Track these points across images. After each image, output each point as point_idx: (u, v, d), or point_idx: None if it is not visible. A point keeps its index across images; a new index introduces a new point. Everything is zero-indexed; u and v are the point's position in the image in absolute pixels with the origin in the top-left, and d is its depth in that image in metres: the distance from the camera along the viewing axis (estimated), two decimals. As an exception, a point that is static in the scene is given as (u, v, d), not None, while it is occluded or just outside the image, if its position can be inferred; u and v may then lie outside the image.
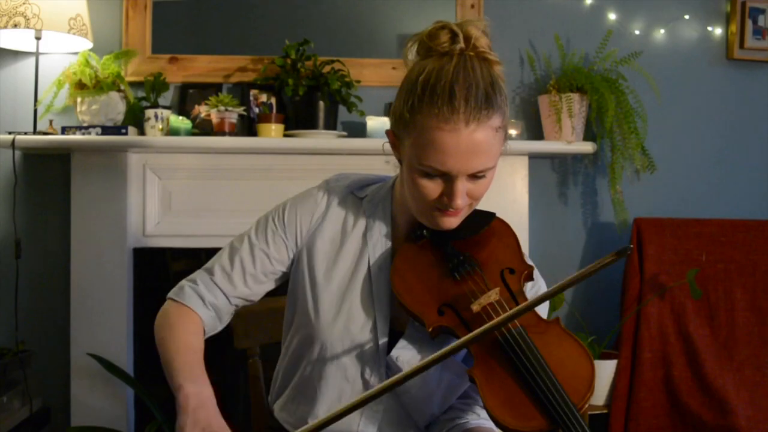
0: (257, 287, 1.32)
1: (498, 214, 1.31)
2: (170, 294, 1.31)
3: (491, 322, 1.07)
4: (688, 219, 2.87)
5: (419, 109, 1.12)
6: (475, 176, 1.15)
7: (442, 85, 1.11)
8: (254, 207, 2.72)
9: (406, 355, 1.22)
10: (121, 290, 2.59)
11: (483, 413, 1.28)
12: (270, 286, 1.34)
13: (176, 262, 2.71)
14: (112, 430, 2.45)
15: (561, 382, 1.09)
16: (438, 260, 1.23)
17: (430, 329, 1.17)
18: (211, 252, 2.85)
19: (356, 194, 1.32)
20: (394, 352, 1.22)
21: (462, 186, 1.14)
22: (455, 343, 1.06)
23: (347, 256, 1.28)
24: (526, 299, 1.20)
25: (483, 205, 1.26)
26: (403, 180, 1.21)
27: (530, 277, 1.26)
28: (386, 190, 1.32)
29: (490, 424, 1.23)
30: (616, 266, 2.88)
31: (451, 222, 1.19)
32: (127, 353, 2.59)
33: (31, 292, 2.70)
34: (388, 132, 1.23)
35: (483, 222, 1.27)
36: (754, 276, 2.82)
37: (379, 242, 1.28)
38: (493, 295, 1.17)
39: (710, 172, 3.09)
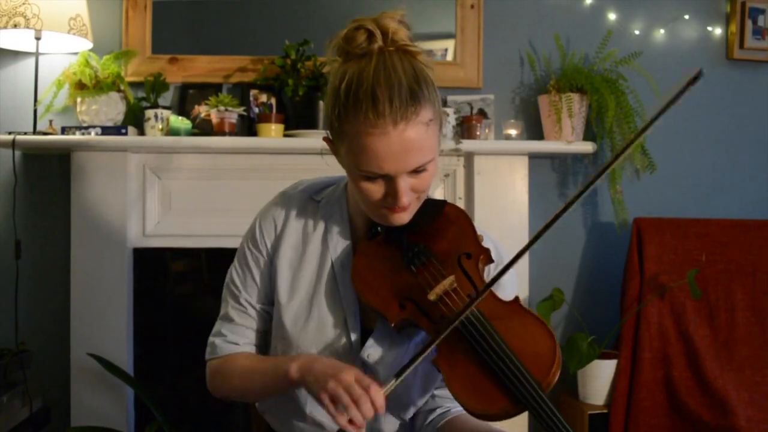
0: (269, 305, 1.35)
1: (498, 215, 1.34)
2: (207, 356, 1.37)
3: (457, 318, 1.12)
4: (688, 219, 2.87)
5: (346, 117, 1.12)
6: (415, 171, 1.14)
7: (364, 90, 1.10)
8: (254, 207, 2.72)
9: (377, 353, 1.24)
10: (121, 290, 2.59)
11: None
12: (271, 299, 1.36)
13: (176, 262, 2.71)
14: (112, 430, 2.45)
15: (523, 362, 1.11)
16: (394, 254, 1.24)
17: (392, 324, 1.19)
18: (211, 252, 2.87)
19: (313, 198, 1.34)
20: (364, 351, 1.24)
21: (404, 184, 1.14)
22: (424, 347, 1.13)
23: (311, 260, 1.30)
24: (484, 282, 1.21)
25: (483, 207, 1.27)
26: (350, 184, 1.23)
27: (489, 260, 1.26)
28: (340, 191, 1.33)
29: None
30: (616, 266, 2.88)
31: (402, 218, 1.19)
32: (127, 353, 2.59)
33: (31, 292, 2.70)
34: (325, 139, 1.23)
35: (435, 211, 1.27)
36: (754, 276, 2.82)
37: (339, 243, 1.29)
38: (448, 283, 1.19)
39: (710, 172, 3.09)
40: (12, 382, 2.42)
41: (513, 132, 2.77)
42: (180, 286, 2.73)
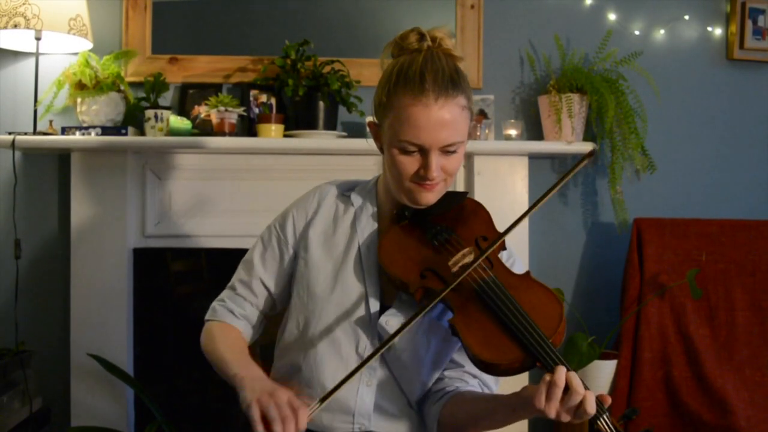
0: (275, 289, 1.47)
1: (498, 215, 1.40)
2: (206, 317, 1.48)
3: (463, 272, 1.24)
4: (688, 219, 2.87)
5: (395, 92, 1.30)
6: (446, 151, 1.30)
7: (413, 70, 1.29)
8: (254, 207, 2.74)
9: (395, 322, 1.33)
10: (121, 290, 2.59)
11: (473, 381, 1.40)
12: (284, 281, 1.48)
13: (176, 262, 2.71)
14: (112, 430, 2.45)
15: (533, 319, 1.21)
16: (419, 235, 1.37)
17: (414, 291, 1.29)
18: (210, 252, 2.86)
19: (345, 194, 1.48)
20: (383, 318, 1.34)
21: (436, 159, 1.29)
22: (437, 296, 1.22)
23: (339, 242, 1.42)
24: (500, 263, 1.33)
25: (485, 206, 1.35)
26: (385, 165, 1.38)
27: (503, 246, 1.39)
28: (371, 185, 1.48)
29: (477, 389, 1.40)
30: (616, 266, 2.88)
31: (429, 197, 1.34)
32: (127, 353, 2.59)
33: (31, 292, 2.70)
34: (369, 123, 1.42)
35: (457, 200, 1.42)
36: (754, 276, 2.82)
37: (366, 227, 1.42)
38: (467, 252, 1.31)
39: (710, 172, 3.09)
40: (12, 382, 2.42)
41: (513, 132, 2.77)
42: (180, 286, 2.73)
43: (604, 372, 2.69)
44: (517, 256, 1.45)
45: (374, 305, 1.36)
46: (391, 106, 1.30)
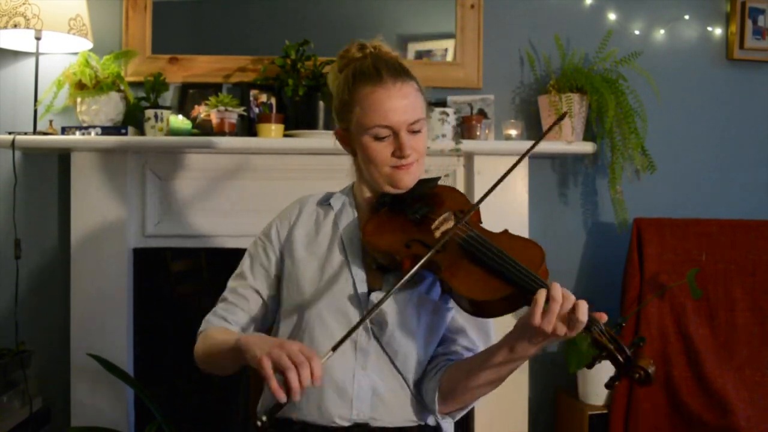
0: (267, 292, 1.51)
1: (498, 214, 1.44)
2: (198, 331, 1.50)
3: (446, 234, 1.32)
4: (688, 219, 2.87)
5: (354, 88, 1.42)
6: (413, 131, 1.41)
7: (366, 66, 1.43)
8: (254, 207, 2.74)
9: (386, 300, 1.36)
10: (121, 290, 2.59)
11: (466, 353, 1.44)
12: (277, 291, 1.52)
13: (176, 262, 2.71)
14: (112, 430, 2.45)
15: (516, 258, 1.26)
16: (399, 217, 1.45)
17: (401, 260, 1.34)
18: (210, 252, 2.86)
19: (324, 202, 1.57)
20: (374, 295, 1.39)
21: (406, 138, 1.40)
22: (426, 255, 1.27)
23: (322, 241, 1.50)
24: (479, 226, 1.40)
25: (483, 207, 1.39)
26: (360, 161, 1.47)
27: (480, 219, 1.46)
28: (348, 189, 1.58)
29: (470, 356, 1.42)
30: (616, 266, 2.88)
31: (407, 179, 1.44)
32: (127, 353, 2.59)
33: (31, 292, 2.70)
34: (336, 131, 1.51)
35: (431, 184, 1.50)
36: (754, 276, 2.82)
37: (347, 223, 1.50)
38: (447, 217, 1.41)
39: (710, 172, 3.09)
40: (12, 382, 2.42)
41: (513, 132, 2.77)
42: (180, 286, 2.73)
43: (604, 372, 2.68)
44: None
45: (362, 287, 1.42)
46: (355, 101, 1.42)
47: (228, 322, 1.48)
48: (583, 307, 1.19)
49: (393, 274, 1.41)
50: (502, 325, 1.42)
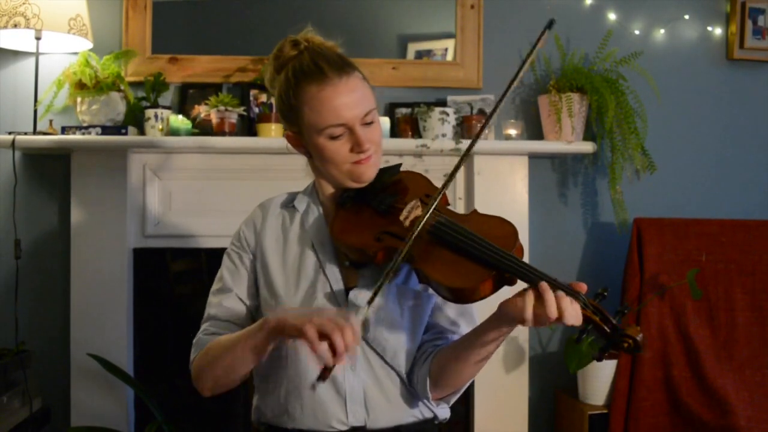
0: (251, 301, 1.48)
1: (498, 214, 1.39)
2: (191, 356, 1.46)
3: (419, 221, 1.28)
4: (688, 219, 2.87)
5: (299, 90, 1.36)
6: (366, 123, 1.37)
7: (306, 65, 1.37)
8: (254, 207, 2.74)
9: (364, 294, 1.35)
10: (121, 290, 2.59)
11: (452, 337, 1.43)
12: (257, 294, 1.49)
13: (176, 262, 2.71)
14: (112, 430, 2.45)
15: (489, 241, 1.25)
16: (365, 211, 1.42)
17: (373, 254, 1.32)
18: (210, 252, 2.86)
19: (287, 205, 1.53)
20: (353, 293, 1.37)
21: (362, 132, 1.36)
22: (398, 254, 1.25)
23: (292, 247, 1.46)
24: (447, 210, 1.38)
25: (483, 207, 1.33)
26: (317, 163, 1.43)
27: (447, 202, 1.43)
28: (310, 188, 1.53)
29: (457, 340, 1.41)
30: (616, 266, 2.88)
31: (369, 171, 1.40)
32: (127, 353, 2.59)
33: (31, 292, 2.70)
34: (287, 135, 1.45)
35: (392, 173, 1.48)
36: (754, 276, 2.82)
37: (314, 223, 1.47)
38: (414, 206, 1.38)
39: (710, 172, 3.09)
40: (12, 382, 2.42)
41: (513, 132, 2.77)
42: (180, 286, 2.73)
43: (604, 372, 2.69)
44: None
45: (338, 286, 1.40)
46: (302, 103, 1.36)
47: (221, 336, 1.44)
48: (576, 308, 1.19)
49: (367, 268, 1.38)
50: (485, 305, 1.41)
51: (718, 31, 3.08)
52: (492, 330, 1.28)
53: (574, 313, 1.18)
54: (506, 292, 1.26)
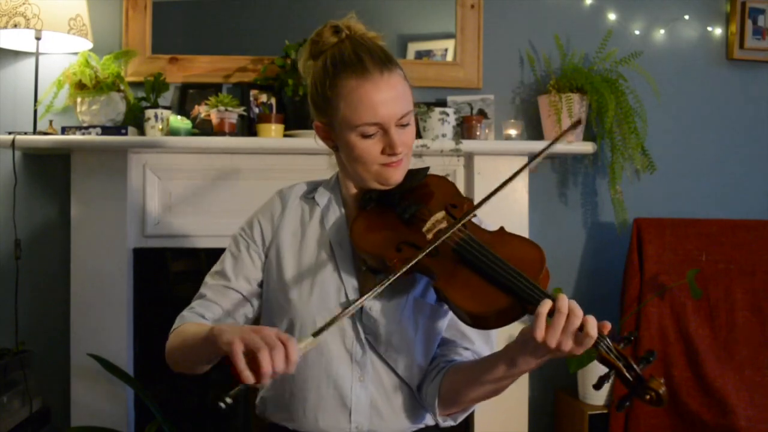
0: (249, 290, 1.43)
1: (498, 215, 1.40)
2: (172, 328, 1.41)
3: (440, 236, 1.23)
4: (688, 219, 2.87)
5: (336, 82, 1.30)
6: (401, 125, 1.31)
7: (347, 56, 1.30)
8: (254, 207, 2.72)
9: (378, 305, 1.33)
10: (121, 290, 2.59)
11: (465, 353, 1.39)
12: (258, 288, 1.44)
13: (176, 262, 2.71)
14: (112, 430, 2.45)
15: (515, 266, 1.20)
16: (388, 215, 1.37)
17: (391, 263, 1.27)
18: (210, 252, 2.86)
19: (307, 196, 1.47)
20: (367, 303, 1.33)
21: (396, 134, 1.30)
22: (416, 257, 1.20)
23: (309, 244, 1.41)
24: (473, 225, 1.34)
25: (483, 207, 1.31)
26: (344, 158, 1.37)
27: (472, 207, 1.37)
28: (333, 182, 1.48)
29: (470, 357, 1.38)
30: (616, 266, 2.88)
31: (397, 174, 1.35)
32: (127, 353, 2.59)
33: (31, 292, 2.70)
34: (316, 125, 1.40)
35: (420, 176, 1.42)
36: (754, 276, 2.82)
37: (334, 222, 1.41)
38: (440, 218, 1.32)
39: (710, 172, 3.09)
40: (12, 382, 2.42)
41: (513, 132, 2.77)
42: (180, 286, 2.73)
43: (604, 372, 2.68)
44: (487, 222, 1.42)
45: (352, 291, 1.35)
46: (338, 96, 1.30)
47: (205, 318, 1.39)
48: (593, 322, 1.11)
49: (385, 276, 1.27)
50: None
51: (718, 31, 3.08)
52: (506, 359, 1.22)
53: (591, 323, 1.11)
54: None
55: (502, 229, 1.34)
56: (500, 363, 1.23)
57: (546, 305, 1.11)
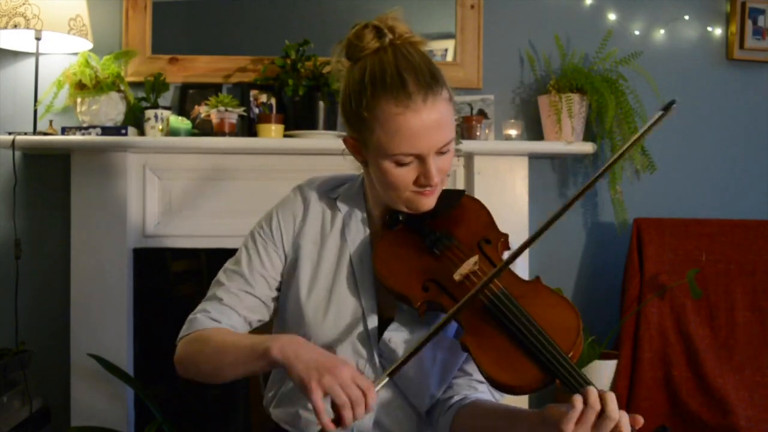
0: (267, 295, 1.35)
1: (498, 215, 1.35)
2: (180, 334, 1.32)
3: (474, 288, 1.13)
4: (688, 219, 2.87)
5: (375, 103, 1.17)
6: (441, 152, 1.21)
7: (390, 74, 1.17)
8: (254, 207, 2.72)
9: (399, 337, 1.26)
10: (121, 290, 2.59)
11: (481, 387, 1.31)
12: (276, 292, 1.36)
13: (176, 262, 2.71)
14: (112, 430, 2.45)
15: (549, 335, 1.12)
16: (416, 241, 1.28)
17: (417, 305, 1.21)
18: (210, 252, 2.86)
19: (329, 195, 1.37)
20: (387, 335, 1.26)
21: (433, 162, 1.20)
22: (444, 316, 1.13)
23: (329, 255, 1.32)
24: (507, 271, 1.22)
25: (488, 201, 1.30)
26: (373, 177, 1.26)
27: (507, 245, 1.30)
28: (357, 188, 1.37)
29: (487, 396, 1.30)
30: (616, 266, 2.88)
31: (429, 202, 1.25)
32: (127, 353, 2.59)
33: (31, 292, 2.70)
34: (345, 139, 1.28)
35: (453, 200, 1.32)
36: (754, 276, 2.82)
37: (357, 236, 1.32)
38: (473, 262, 1.22)
39: (710, 172, 3.09)
40: (12, 382, 2.42)
41: (513, 132, 2.77)
42: (180, 286, 2.73)
43: (604, 372, 2.69)
44: (521, 264, 1.35)
45: (372, 321, 1.28)
46: (375, 118, 1.18)
47: (222, 324, 1.30)
48: (626, 423, 1.08)
49: (406, 304, 1.24)
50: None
51: (718, 31, 3.07)
52: (526, 427, 1.15)
53: (625, 423, 1.08)
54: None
55: (538, 280, 1.23)
56: (520, 426, 1.16)
57: (581, 400, 1.04)
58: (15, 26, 2.41)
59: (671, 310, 2.74)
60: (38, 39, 2.49)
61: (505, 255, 1.29)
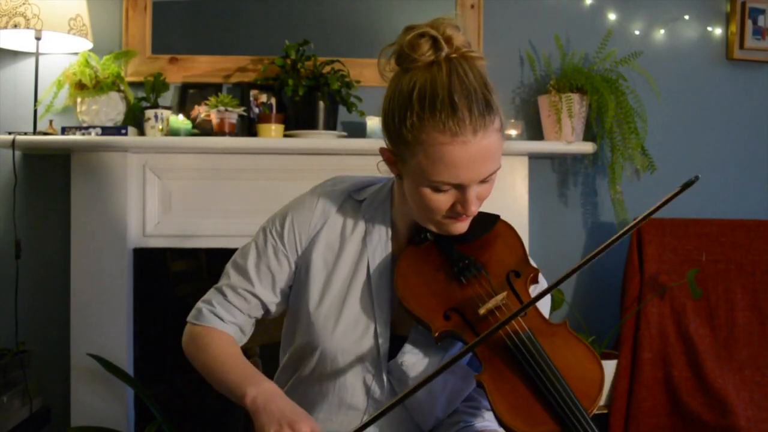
0: (271, 300, 1.32)
1: (499, 215, 1.31)
2: (189, 318, 1.32)
3: (496, 324, 1.07)
4: (688, 219, 2.87)
5: (422, 126, 1.09)
6: (483, 180, 1.14)
7: (441, 98, 1.08)
8: (254, 207, 2.74)
9: (412, 359, 1.22)
10: (121, 290, 2.59)
11: (488, 415, 1.27)
12: (282, 296, 1.33)
13: (176, 262, 2.71)
14: (112, 430, 2.45)
15: (571, 386, 1.09)
16: (442, 264, 1.22)
17: (436, 334, 1.16)
18: (210, 252, 2.86)
19: (354, 197, 1.30)
20: (400, 357, 1.22)
21: (473, 191, 1.14)
22: (463, 348, 1.08)
23: (346, 261, 1.26)
24: (533, 310, 1.19)
25: (483, 207, 1.25)
26: (406, 192, 1.19)
27: (536, 280, 1.25)
28: (385, 194, 1.29)
29: (495, 426, 1.23)
30: (616, 266, 2.88)
31: (462, 227, 1.19)
32: (127, 353, 2.59)
33: (31, 292, 2.70)
34: (382, 150, 1.20)
35: (487, 225, 1.26)
36: (754, 276, 2.82)
37: (379, 246, 1.26)
38: (500, 298, 1.16)
39: (710, 172, 3.09)
40: (12, 382, 2.42)
41: (513, 132, 2.77)
42: (180, 286, 2.73)
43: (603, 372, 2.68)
44: (544, 282, 1.29)
45: (384, 337, 1.23)
46: (419, 143, 1.10)
47: (224, 322, 1.29)
48: None
49: (423, 327, 1.20)
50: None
51: (718, 31, 3.08)
52: None
53: None
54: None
55: (565, 324, 1.19)
56: None
57: None
58: (15, 26, 2.41)
59: (671, 310, 2.74)
60: (38, 39, 2.49)
61: (532, 289, 1.25)
